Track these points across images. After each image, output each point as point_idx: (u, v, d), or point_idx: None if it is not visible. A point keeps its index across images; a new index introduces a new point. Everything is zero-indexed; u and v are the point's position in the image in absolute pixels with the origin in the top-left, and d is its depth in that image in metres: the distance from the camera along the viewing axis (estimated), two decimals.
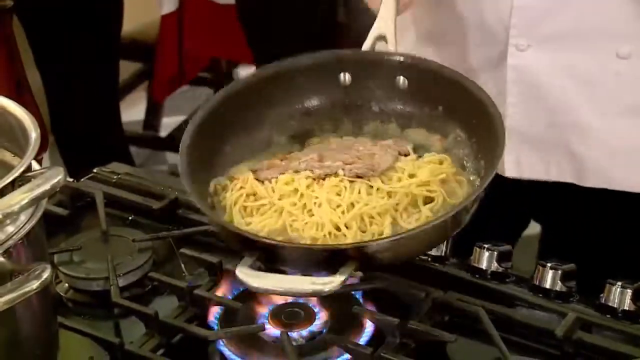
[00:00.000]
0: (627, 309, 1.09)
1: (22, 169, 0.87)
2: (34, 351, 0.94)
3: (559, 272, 1.13)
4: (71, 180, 1.34)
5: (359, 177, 1.03)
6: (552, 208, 1.37)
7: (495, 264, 1.15)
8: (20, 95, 1.72)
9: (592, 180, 1.26)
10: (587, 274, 1.13)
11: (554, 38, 1.21)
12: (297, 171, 1.05)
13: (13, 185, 0.85)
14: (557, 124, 1.25)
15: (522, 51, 1.22)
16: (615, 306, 1.09)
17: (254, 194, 1.04)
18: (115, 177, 1.37)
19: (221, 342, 1.04)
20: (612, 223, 1.33)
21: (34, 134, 0.92)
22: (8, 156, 0.98)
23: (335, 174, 1.04)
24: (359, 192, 1.02)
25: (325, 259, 0.93)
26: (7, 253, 0.86)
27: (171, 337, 1.06)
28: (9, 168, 0.89)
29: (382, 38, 1.12)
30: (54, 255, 1.17)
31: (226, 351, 1.04)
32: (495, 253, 1.15)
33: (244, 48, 2.72)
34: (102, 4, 2.50)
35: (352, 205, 1.01)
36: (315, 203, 1.02)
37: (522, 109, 1.25)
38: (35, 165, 0.91)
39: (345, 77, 1.14)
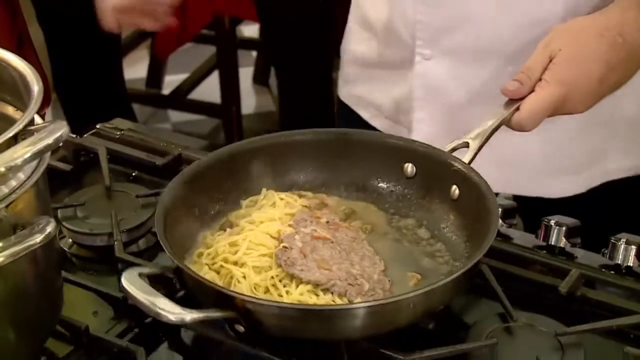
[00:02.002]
0: (631, 265, 1.09)
1: (25, 122, 0.86)
2: (39, 305, 0.95)
3: (564, 228, 1.13)
4: (74, 136, 1.34)
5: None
6: None
7: (500, 221, 1.15)
8: (22, 49, 1.71)
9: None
10: (591, 230, 1.13)
11: (452, 52, 1.30)
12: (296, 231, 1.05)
13: (16, 139, 0.85)
14: (455, 129, 1.24)
15: (427, 60, 1.33)
16: (619, 262, 1.10)
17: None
18: (118, 133, 1.37)
19: None
20: (616, 181, 1.33)
21: (36, 87, 0.91)
22: (10, 110, 0.97)
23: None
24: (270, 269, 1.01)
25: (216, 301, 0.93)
26: (10, 206, 0.86)
27: (175, 293, 1.07)
28: (12, 122, 0.88)
29: (465, 145, 1.10)
30: (58, 210, 1.17)
31: None
32: (500, 210, 1.15)
33: (247, 4, 2.70)
34: None
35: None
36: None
37: (426, 113, 1.35)
38: (38, 120, 0.90)
39: (409, 169, 1.13)
